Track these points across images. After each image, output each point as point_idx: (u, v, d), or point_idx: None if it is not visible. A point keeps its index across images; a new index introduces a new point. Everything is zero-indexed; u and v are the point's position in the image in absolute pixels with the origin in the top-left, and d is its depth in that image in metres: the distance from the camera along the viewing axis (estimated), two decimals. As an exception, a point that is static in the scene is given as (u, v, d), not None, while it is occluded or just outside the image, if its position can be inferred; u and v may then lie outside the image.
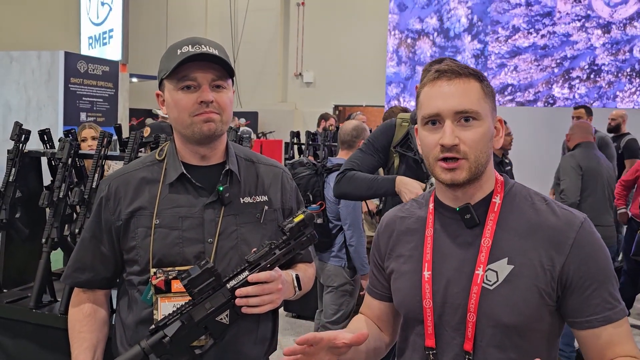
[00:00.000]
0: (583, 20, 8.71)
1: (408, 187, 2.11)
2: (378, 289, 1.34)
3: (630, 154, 5.76)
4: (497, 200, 1.17)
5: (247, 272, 1.30)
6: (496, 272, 1.11)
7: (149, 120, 9.89)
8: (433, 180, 1.25)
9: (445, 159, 1.12)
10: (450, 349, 1.14)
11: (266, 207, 1.47)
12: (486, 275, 1.12)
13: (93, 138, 3.59)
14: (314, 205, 3.26)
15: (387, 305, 1.33)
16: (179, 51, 1.36)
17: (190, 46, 1.35)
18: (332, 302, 3.29)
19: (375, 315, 1.35)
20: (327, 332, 1.13)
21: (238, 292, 1.28)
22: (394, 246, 1.28)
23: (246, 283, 1.29)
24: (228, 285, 1.29)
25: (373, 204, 3.80)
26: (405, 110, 3.61)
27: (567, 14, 8.84)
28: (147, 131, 3.99)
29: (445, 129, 1.11)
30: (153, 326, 1.27)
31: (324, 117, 6.98)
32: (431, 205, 1.24)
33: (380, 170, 2.54)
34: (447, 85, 1.13)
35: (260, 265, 1.31)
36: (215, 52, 1.36)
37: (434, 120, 1.13)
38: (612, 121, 5.94)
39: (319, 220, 3.25)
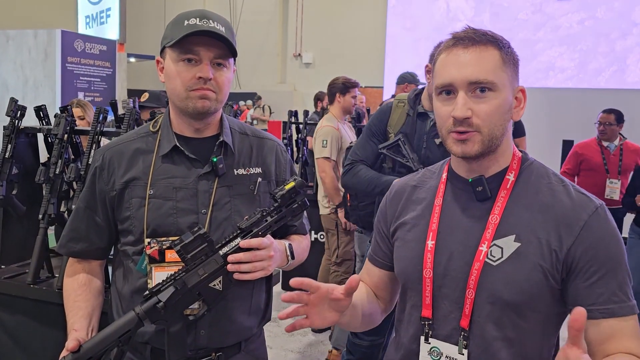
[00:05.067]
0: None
1: None
2: (380, 256, 1.31)
3: (519, 133, 5.38)
4: (510, 177, 1.12)
5: (239, 239, 1.30)
6: (501, 248, 1.08)
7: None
8: None
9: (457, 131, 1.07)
10: (448, 322, 1.12)
11: (260, 179, 1.47)
12: (491, 251, 1.08)
13: (80, 118, 3.51)
14: None
15: (387, 274, 1.30)
16: (186, 22, 1.34)
17: (198, 19, 1.34)
18: None
19: (374, 283, 1.33)
20: (325, 284, 1.09)
21: (230, 258, 1.29)
22: (402, 213, 1.25)
23: (238, 249, 1.30)
24: (221, 252, 1.30)
25: None
26: (349, 80, 3.97)
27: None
28: (144, 96, 3.95)
29: (458, 100, 1.05)
30: (147, 292, 1.28)
31: (319, 97, 6.89)
32: (444, 175, 1.21)
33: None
34: (462, 53, 1.07)
35: (252, 232, 1.31)
36: (222, 30, 1.35)
37: (448, 90, 1.08)
38: None
39: None
